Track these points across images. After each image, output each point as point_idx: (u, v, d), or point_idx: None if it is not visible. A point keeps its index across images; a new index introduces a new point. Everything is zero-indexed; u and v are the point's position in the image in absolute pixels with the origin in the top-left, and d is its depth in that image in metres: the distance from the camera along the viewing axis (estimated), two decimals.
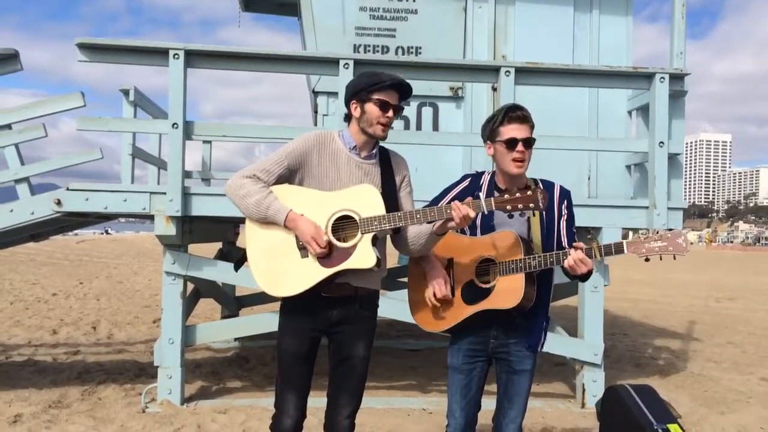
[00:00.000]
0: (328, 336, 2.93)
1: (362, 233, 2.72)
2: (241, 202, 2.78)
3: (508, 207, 2.65)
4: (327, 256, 2.73)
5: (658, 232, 2.69)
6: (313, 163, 2.85)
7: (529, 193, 2.63)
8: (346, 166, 2.86)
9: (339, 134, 2.92)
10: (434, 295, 2.88)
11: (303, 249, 2.75)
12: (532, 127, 2.88)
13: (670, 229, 2.71)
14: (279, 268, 2.79)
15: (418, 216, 2.72)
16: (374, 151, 2.93)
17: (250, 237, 2.84)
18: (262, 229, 2.81)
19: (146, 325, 9.49)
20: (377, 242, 2.79)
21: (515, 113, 2.84)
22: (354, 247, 2.72)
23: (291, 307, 2.87)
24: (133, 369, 6.47)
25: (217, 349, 7.68)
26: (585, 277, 2.83)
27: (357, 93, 2.83)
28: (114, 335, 8.58)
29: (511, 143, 2.81)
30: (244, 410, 5.12)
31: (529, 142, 2.84)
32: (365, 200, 2.75)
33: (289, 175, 2.85)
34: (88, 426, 4.65)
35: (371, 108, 2.80)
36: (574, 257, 2.69)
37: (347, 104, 2.89)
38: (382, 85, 2.79)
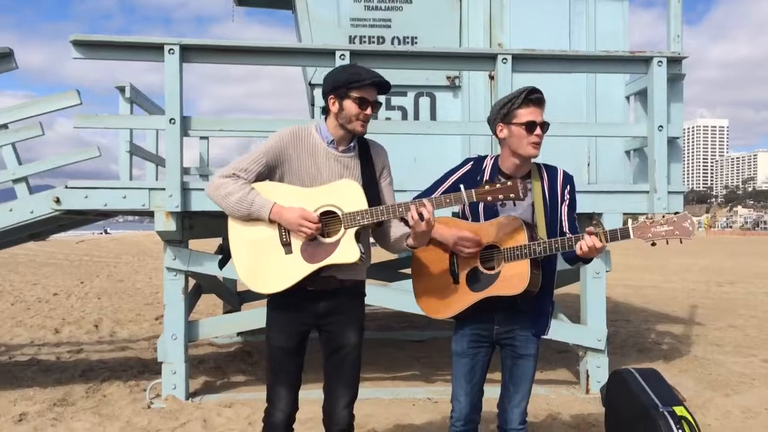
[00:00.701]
0: (318, 328, 2.93)
1: (345, 228, 2.72)
2: (224, 201, 2.78)
3: (489, 198, 2.66)
4: (312, 249, 2.73)
5: (664, 216, 2.68)
6: (292, 159, 2.84)
7: (509, 183, 2.64)
8: (324, 160, 2.85)
9: (316, 128, 2.90)
10: (468, 248, 2.83)
11: (287, 245, 2.76)
12: (544, 111, 2.88)
13: (677, 213, 2.70)
14: (263, 265, 2.79)
15: (400, 209, 2.72)
16: (352, 144, 2.91)
17: (233, 235, 2.84)
18: (245, 226, 2.81)
19: (148, 322, 9.49)
20: (361, 236, 2.79)
21: (535, 95, 2.83)
22: (338, 242, 2.73)
23: (278, 302, 2.88)
24: (136, 366, 6.47)
25: (220, 345, 7.68)
26: (587, 261, 2.83)
27: (336, 88, 2.80)
28: (116, 333, 8.58)
29: (530, 126, 2.80)
30: (249, 404, 5.12)
31: (544, 126, 2.84)
32: (347, 195, 2.75)
33: (268, 173, 2.85)
34: (93, 423, 4.65)
35: (350, 105, 2.78)
36: (588, 244, 2.67)
37: (325, 97, 2.86)
38: (361, 84, 2.77)
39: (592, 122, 6.42)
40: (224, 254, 2.97)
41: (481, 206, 2.91)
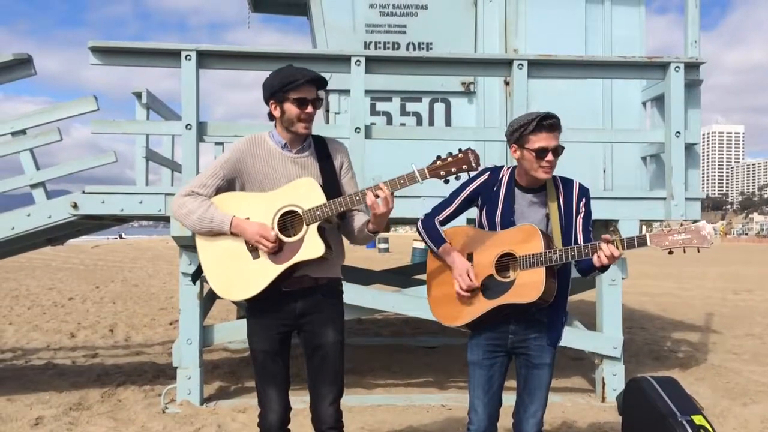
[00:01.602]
0: (297, 329, 2.95)
1: (307, 224, 2.76)
2: (186, 220, 2.84)
3: (442, 172, 2.71)
4: (278, 252, 2.77)
5: (682, 224, 2.65)
6: (249, 168, 2.88)
7: (460, 155, 2.69)
8: (281, 163, 2.89)
9: (269, 134, 2.94)
10: (461, 288, 2.86)
11: (253, 251, 2.80)
12: (560, 133, 2.86)
13: (695, 221, 2.68)
14: (233, 273, 2.83)
15: (357, 197, 2.74)
16: (306, 143, 2.94)
17: (201, 249, 2.89)
18: (211, 240, 2.86)
19: (163, 327, 9.53)
20: (325, 231, 2.82)
21: (548, 122, 2.79)
22: (302, 239, 2.76)
23: (255, 307, 2.91)
24: (151, 370, 6.49)
25: (233, 350, 7.69)
26: (602, 270, 2.81)
27: (273, 93, 2.83)
28: (131, 338, 8.61)
29: (541, 152, 2.79)
30: None
31: (557, 151, 2.82)
32: (305, 192, 2.79)
33: (228, 185, 2.90)
34: (109, 427, 4.67)
35: (289, 107, 2.81)
36: (606, 254, 2.64)
37: (266, 104, 2.90)
38: (296, 84, 2.78)
39: (609, 128, 6.38)
40: (196, 268, 3.00)
41: (498, 216, 2.90)
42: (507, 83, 6.03)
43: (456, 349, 7.58)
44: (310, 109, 2.83)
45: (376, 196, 2.70)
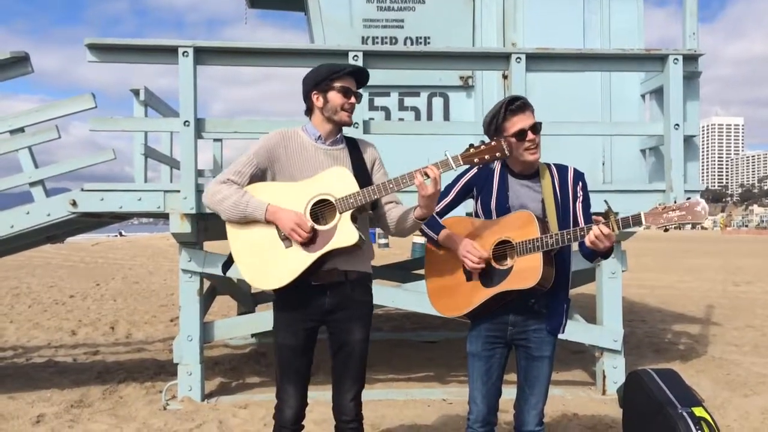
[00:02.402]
0: (325, 324, 2.96)
1: (340, 213, 2.76)
2: (220, 206, 2.84)
3: (476, 159, 2.70)
4: (310, 241, 2.77)
5: (675, 202, 2.65)
6: (282, 158, 2.90)
7: (493, 143, 2.68)
8: (314, 155, 2.91)
9: (303, 128, 2.98)
10: (472, 262, 2.82)
11: (286, 239, 2.79)
12: (533, 111, 2.87)
13: (689, 198, 2.67)
14: (265, 262, 2.82)
15: (390, 185, 2.75)
16: (339, 137, 2.98)
17: (233, 238, 2.89)
18: (243, 228, 2.86)
19: (164, 323, 9.54)
20: (358, 221, 2.82)
21: (514, 104, 2.83)
22: (335, 227, 2.77)
23: (284, 300, 2.91)
24: (152, 367, 6.50)
25: (234, 346, 7.70)
26: (605, 255, 2.80)
27: (318, 84, 2.88)
28: (132, 335, 8.63)
29: (520, 135, 2.81)
30: (264, 405, 5.13)
31: (536, 128, 2.83)
32: (338, 181, 2.80)
33: (261, 174, 2.92)
34: (110, 424, 4.68)
35: (334, 96, 2.88)
36: (596, 232, 2.64)
37: (307, 97, 2.94)
38: (342, 73, 2.87)
39: (607, 121, 6.37)
40: (227, 258, 2.99)
41: (493, 204, 2.91)
42: (505, 77, 6.02)
43: (456, 343, 7.59)
44: (353, 99, 2.90)
45: (426, 176, 2.70)
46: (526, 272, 2.75)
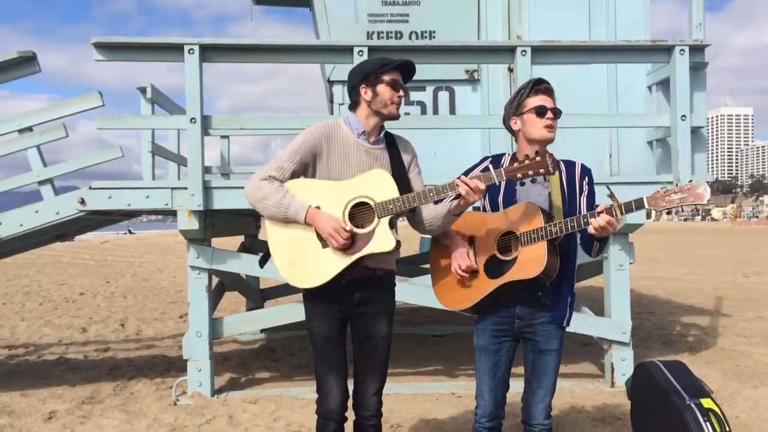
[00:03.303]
0: (351, 317, 2.97)
1: (379, 217, 2.75)
2: (261, 204, 2.84)
3: (519, 175, 2.68)
4: (349, 244, 2.77)
5: (677, 185, 2.66)
6: (324, 154, 2.89)
7: (538, 159, 2.65)
8: (355, 153, 2.90)
9: (345, 122, 2.96)
10: (459, 268, 2.88)
11: (323, 239, 2.80)
12: (555, 98, 2.93)
13: (690, 181, 2.67)
14: (302, 260, 2.83)
15: (431, 194, 2.74)
16: (381, 136, 2.98)
17: (271, 233, 2.89)
18: (282, 225, 2.86)
19: (173, 320, 9.59)
20: (395, 225, 2.83)
21: (541, 86, 2.90)
22: (373, 231, 2.76)
23: (315, 293, 2.90)
24: (162, 363, 6.55)
25: (243, 342, 7.74)
26: (603, 242, 2.80)
27: (367, 76, 2.88)
28: (142, 331, 8.68)
29: (540, 110, 2.85)
30: (273, 400, 5.16)
31: (556, 111, 2.88)
32: (378, 185, 2.79)
33: (303, 169, 2.91)
34: (121, 420, 4.72)
35: (383, 89, 2.87)
36: (599, 221, 2.65)
37: (355, 90, 2.92)
38: (391, 66, 2.87)
39: (614, 113, 6.35)
40: (264, 253, 3.01)
41: (500, 197, 2.92)
42: (511, 70, 6.00)
43: (465, 337, 7.59)
44: (402, 92, 2.90)
45: (469, 187, 2.69)
46: (530, 262, 2.75)
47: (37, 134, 5.39)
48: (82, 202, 5.16)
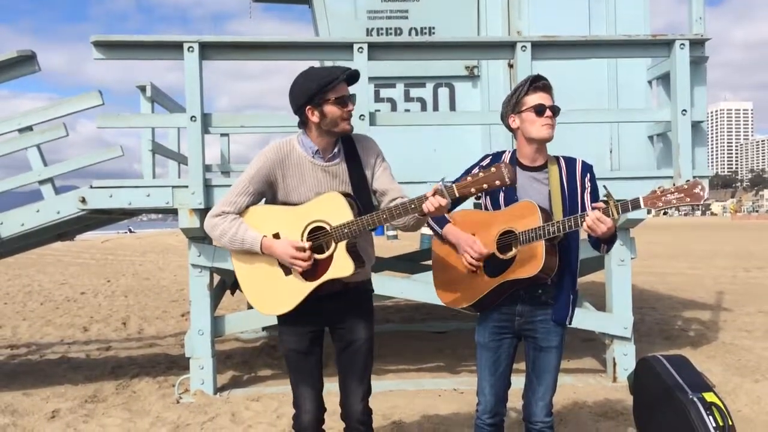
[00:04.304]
0: (329, 326, 2.96)
1: (336, 242, 2.72)
2: (219, 241, 2.85)
3: (473, 190, 2.56)
4: (309, 269, 2.74)
5: (674, 185, 2.65)
6: (279, 179, 2.83)
7: (492, 170, 2.54)
8: (311, 173, 2.83)
9: (298, 141, 2.86)
10: (472, 258, 2.84)
11: (284, 267, 2.79)
12: (553, 95, 2.90)
13: (687, 181, 2.67)
14: (267, 289, 2.84)
15: (384, 216, 2.66)
16: (337, 149, 2.87)
17: (236, 265, 2.90)
18: (244, 256, 2.85)
19: (175, 319, 9.60)
20: (356, 246, 2.78)
21: (539, 83, 2.88)
22: (331, 257, 2.73)
23: (285, 313, 2.87)
24: (164, 362, 6.55)
25: (245, 340, 7.75)
26: (610, 242, 2.80)
27: (311, 98, 2.72)
28: (144, 330, 8.69)
29: (539, 109, 2.83)
30: (276, 397, 5.17)
31: (554, 109, 2.86)
32: (332, 208, 2.73)
33: (259, 198, 2.87)
34: (124, 418, 4.73)
35: (331, 109, 2.73)
36: (592, 217, 2.64)
37: (300, 111, 2.77)
38: (336, 83, 2.71)
39: (615, 108, 6.34)
40: (233, 281, 3.02)
41: (501, 197, 2.91)
42: (511, 66, 6.00)
43: (466, 333, 7.60)
44: (350, 106, 2.77)
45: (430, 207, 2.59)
46: (528, 261, 2.76)
47: (38, 133, 5.39)
48: (83, 201, 5.16)
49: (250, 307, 8.33)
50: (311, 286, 2.75)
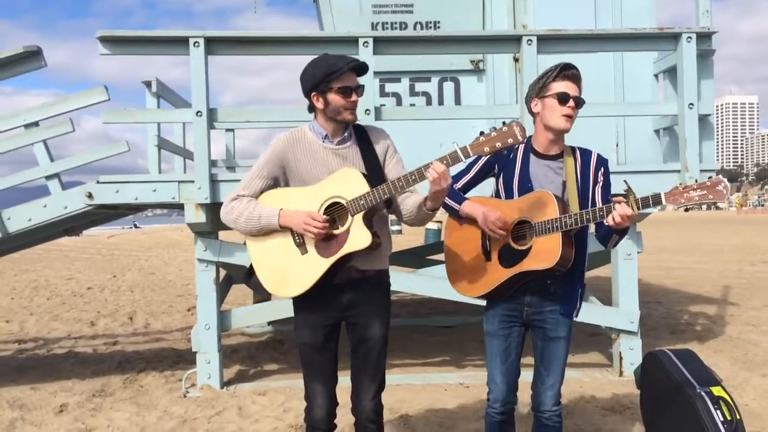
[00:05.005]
0: (345, 320, 2.95)
1: (352, 215, 2.73)
2: (235, 224, 2.86)
3: (486, 148, 2.59)
4: (325, 245, 2.75)
5: (696, 181, 2.63)
6: (291, 164, 2.87)
7: (504, 128, 2.57)
8: (322, 157, 2.86)
9: (309, 127, 2.92)
10: (496, 227, 2.80)
11: (301, 246, 2.79)
12: (581, 88, 2.87)
13: (710, 177, 2.65)
14: (283, 270, 2.84)
15: (400, 183, 2.68)
16: (347, 134, 2.91)
17: (252, 250, 2.90)
18: (259, 239, 2.87)
19: (181, 313, 9.63)
20: (373, 220, 2.79)
21: (570, 71, 2.84)
22: (348, 230, 2.73)
23: (302, 301, 2.89)
24: (171, 356, 6.57)
25: (251, 335, 7.77)
26: (621, 236, 2.79)
27: (316, 86, 2.79)
28: (150, 325, 8.72)
29: (563, 97, 2.81)
30: (282, 391, 5.18)
31: (578, 101, 2.83)
32: (347, 183, 2.76)
33: (274, 183, 2.90)
34: (132, 412, 4.75)
35: (334, 98, 2.78)
36: (619, 212, 2.61)
37: (307, 97, 2.85)
38: (340, 73, 2.75)
39: (621, 102, 6.32)
40: (249, 267, 3.01)
41: (515, 185, 2.89)
42: (516, 60, 5.98)
43: (472, 328, 7.60)
44: (354, 97, 2.80)
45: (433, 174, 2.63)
46: (544, 253, 2.74)
47: (44, 129, 5.39)
48: (90, 196, 5.17)
49: (256, 301, 8.39)
50: (329, 262, 2.75)
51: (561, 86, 2.82)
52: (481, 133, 2.64)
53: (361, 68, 2.83)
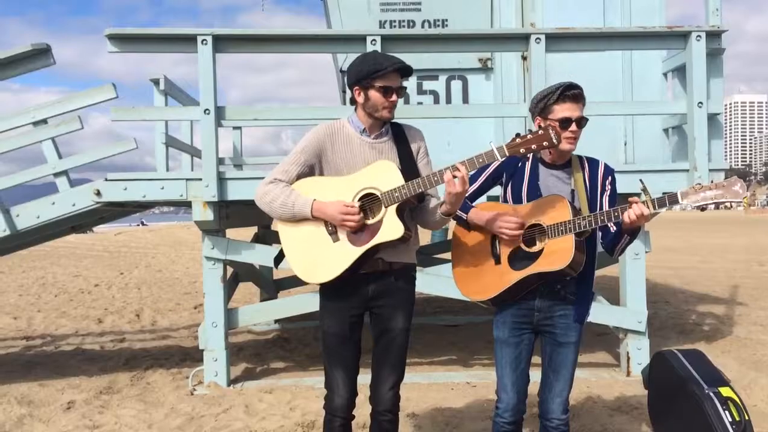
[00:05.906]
0: (369, 311, 2.97)
1: (386, 206, 2.76)
2: (269, 207, 2.88)
3: (522, 150, 2.65)
4: (358, 234, 2.78)
5: (713, 181, 2.61)
6: (329, 152, 2.91)
7: (540, 132, 2.63)
8: (359, 149, 2.91)
9: (348, 120, 2.97)
10: (511, 230, 2.79)
11: (333, 234, 2.82)
12: (584, 105, 2.85)
13: (726, 178, 2.63)
14: (314, 256, 2.85)
15: (435, 178, 2.73)
16: (384, 129, 2.96)
17: (283, 234, 2.92)
18: (292, 224, 2.89)
19: (188, 311, 9.65)
20: (404, 213, 2.82)
21: (571, 92, 2.80)
22: (381, 221, 2.76)
23: (329, 289, 2.92)
24: (178, 354, 6.59)
25: (258, 332, 7.78)
26: (632, 235, 2.77)
27: (359, 80, 2.85)
28: (157, 322, 8.74)
29: (564, 123, 2.78)
30: (289, 389, 5.19)
31: (581, 122, 2.81)
32: (383, 175, 2.80)
33: (309, 171, 2.93)
34: (139, 410, 4.76)
35: (375, 95, 2.84)
36: (635, 211, 2.60)
37: (350, 89, 2.92)
38: (384, 72, 2.80)
39: (629, 101, 6.29)
40: (278, 252, 3.02)
41: (524, 191, 2.88)
42: (524, 58, 5.97)
43: (479, 326, 7.60)
44: (394, 97, 2.86)
45: (454, 177, 2.68)
46: (557, 254, 2.72)
47: (52, 126, 5.41)
48: (98, 193, 5.18)
49: (263, 299, 8.40)
50: (360, 250, 2.78)
51: (563, 110, 2.78)
52: (518, 135, 2.68)
53: (406, 70, 2.88)
